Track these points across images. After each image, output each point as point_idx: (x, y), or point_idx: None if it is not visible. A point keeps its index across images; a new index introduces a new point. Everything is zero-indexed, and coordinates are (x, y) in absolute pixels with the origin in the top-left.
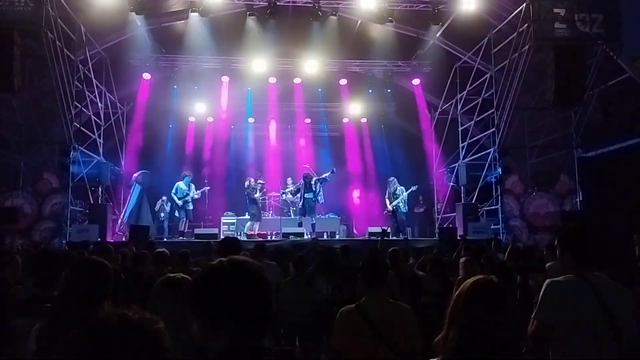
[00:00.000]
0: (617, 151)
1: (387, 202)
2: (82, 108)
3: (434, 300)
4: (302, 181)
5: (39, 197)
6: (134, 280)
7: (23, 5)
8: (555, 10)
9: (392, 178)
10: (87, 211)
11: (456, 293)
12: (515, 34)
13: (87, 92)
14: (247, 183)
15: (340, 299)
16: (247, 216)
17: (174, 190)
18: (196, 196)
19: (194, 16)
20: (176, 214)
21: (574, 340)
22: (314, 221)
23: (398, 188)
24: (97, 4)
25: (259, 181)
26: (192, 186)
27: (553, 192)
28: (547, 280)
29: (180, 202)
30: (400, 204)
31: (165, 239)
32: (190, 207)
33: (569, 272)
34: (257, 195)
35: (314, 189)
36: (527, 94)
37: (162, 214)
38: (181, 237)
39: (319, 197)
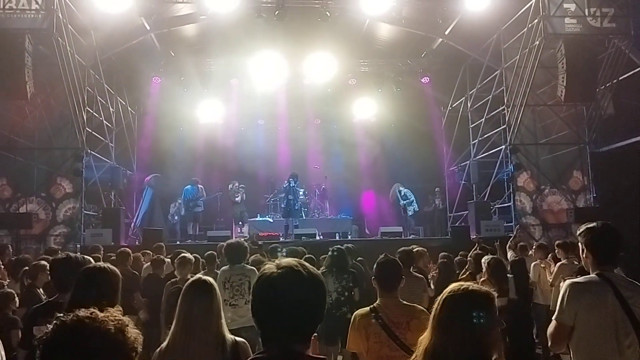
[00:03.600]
0: (631, 146)
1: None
2: (94, 113)
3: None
4: (288, 183)
5: (53, 203)
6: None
7: (34, 12)
8: (566, 5)
9: (394, 186)
10: (101, 215)
11: (443, 297)
12: (525, 29)
13: (98, 97)
14: (230, 186)
15: (350, 300)
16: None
17: (183, 195)
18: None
19: (202, 19)
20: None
21: (596, 340)
22: (297, 222)
23: (402, 192)
24: (107, 10)
25: (242, 185)
26: (201, 188)
27: (566, 189)
28: (568, 281)
29: (190, 205)
30: (408, 206)
31: (178, 242)
32: (199, 209)
33: (590, 271)
34: (238, 199)
35: (297, 191)
36: (538, 90)
37: (176, 217)
38: (189, 240)
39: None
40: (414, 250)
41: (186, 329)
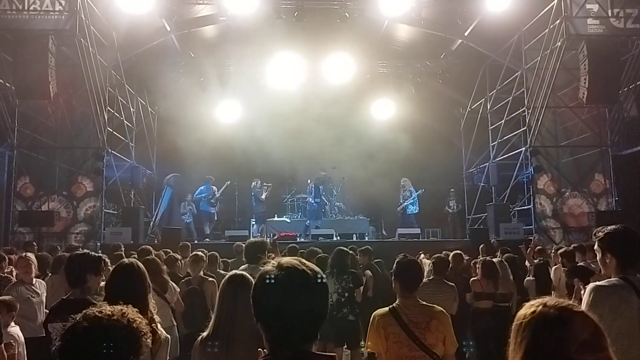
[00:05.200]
0: None
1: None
2: (115, 113)
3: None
4: (312, 186)
5: (74, 201)
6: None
7: (57, 13)
8: (588, 5)
9: (403, 180)
10: (121, 214)
11: (522, 320)
12: (546, 30)
13: (119, 97)
14: (253, 184)
15: (351, 301)
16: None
17: (197, 193)
18: (217, 195)
19: (222, 21)
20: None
21: (621, 345)
22: (319, 224)
23: (407, 190)
24: (129, 11)
25: (265, 184)
26: (214, 188)
27: (587, 192)
28: (591, 285)
29: (212, 202)
30: (411, 206)
31: (196, 241)
32: (212, 209)
33: (612, 275)
34: (263, 197)
35: (322, 194)
36: (559, 91)
37: (188, 214)
38: (207, 240)
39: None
40: (451, 255)
41: (230, 320)
